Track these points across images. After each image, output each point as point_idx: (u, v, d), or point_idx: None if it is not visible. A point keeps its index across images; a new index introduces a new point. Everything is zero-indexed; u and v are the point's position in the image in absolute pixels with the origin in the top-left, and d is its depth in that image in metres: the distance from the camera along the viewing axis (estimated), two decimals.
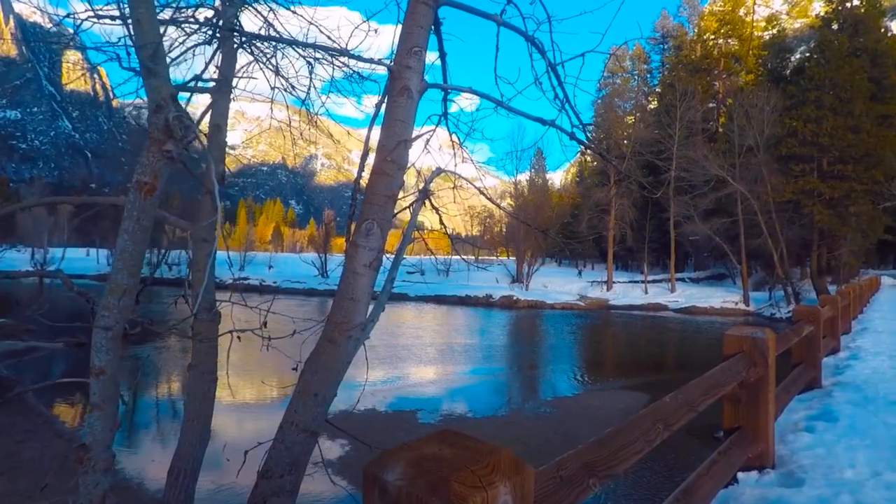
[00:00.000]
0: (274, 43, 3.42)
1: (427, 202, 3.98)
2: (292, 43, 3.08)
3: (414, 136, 4.40)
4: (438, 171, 3.91)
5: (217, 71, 3.19)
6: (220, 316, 2.48)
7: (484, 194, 4.33)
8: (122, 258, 1.41)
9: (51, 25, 3.13)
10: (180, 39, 3.42)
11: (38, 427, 7.69)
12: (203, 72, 3.39)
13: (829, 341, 6.22)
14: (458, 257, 4.49)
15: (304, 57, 3.87)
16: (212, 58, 3.36)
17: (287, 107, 4.43)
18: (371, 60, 2.54)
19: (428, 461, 0.90)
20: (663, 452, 7.50)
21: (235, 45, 3.15)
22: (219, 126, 2.75)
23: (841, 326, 7.26)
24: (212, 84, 2.59)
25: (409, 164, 4.03)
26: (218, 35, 3.12)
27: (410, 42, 2.45)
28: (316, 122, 5.11)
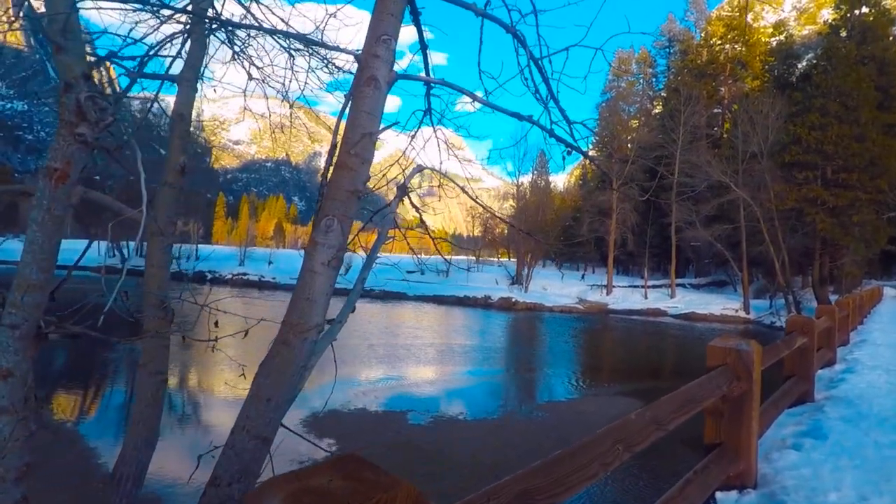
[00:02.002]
0: (247, 31, 3.30)
1: (407, 200, 3.84)
2: (264, 30, 2.95)
3: (403, 133, 4.27)
4: (419, 169, 3.78)
5: (186, 60, 3.07)
6: (173, 313, 2.35)
7: (467, 193, 4.20)
8: (31, 251, 1.29)
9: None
10: (154, 26, 3.31)
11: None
12: (173, 62, 3.27)
13: (825, 353, 6.06)
14: (438, 257, 4.37)
15: (284, 48, 3.75)
16: (182, 46, 3.24)
17: (266, 98, 4.31)
18: (339, 49, 2.41)
19: (310, 496, 0.77)
20: (649, 459, 7.35)
21: (206, 33, 3.03)
22: (182, 115, 2.62)
23: (838, 338, 7.10)
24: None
25: (414, 164, 3.91)
26: (189, 22, 3.00)
27: (380, 30, 2.32)
28: (300, 116, 4.98)
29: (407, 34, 3.61)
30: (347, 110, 2.37)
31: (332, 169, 2.42)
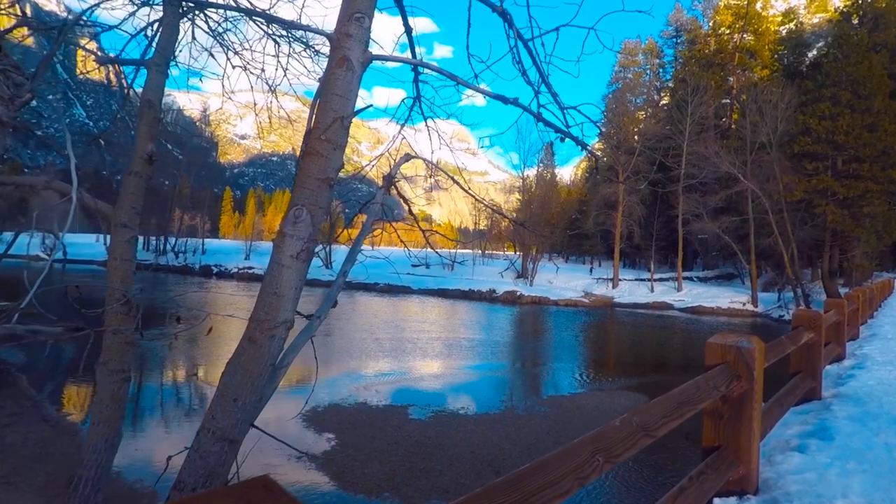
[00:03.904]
0: (224, 15, 3.16)
1: (394, 191, 3.69)
2: (240, 10, 2.81)
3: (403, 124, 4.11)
4: (406, 158, 3.62)
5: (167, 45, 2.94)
6: (137, 308, 2.23)
7: (458, 184, 4.04)
8: None
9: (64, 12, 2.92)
10: (129, 10, 3.19)
11: (24, 410, 7.56)
12: (148, 46, 3.14)
13: (833, 348, 5.86)
14: (440, 250, 4.23)
15: (266, 33, 3.61)
16: (157, 31, 3.11)
17: (252, 90, 4.17)
18: (312, 29, 2.26)
19: None
20: (652, 454, 7.21)
21: (178, 15, 2.89)
22: (150, 102, 2.49)
23: (848, 332, 6.87)
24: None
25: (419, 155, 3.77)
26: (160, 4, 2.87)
27: (352, 7, 2.17)
28: (304, 109, 4.86)
29: (417, 27, 3.45)
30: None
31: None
